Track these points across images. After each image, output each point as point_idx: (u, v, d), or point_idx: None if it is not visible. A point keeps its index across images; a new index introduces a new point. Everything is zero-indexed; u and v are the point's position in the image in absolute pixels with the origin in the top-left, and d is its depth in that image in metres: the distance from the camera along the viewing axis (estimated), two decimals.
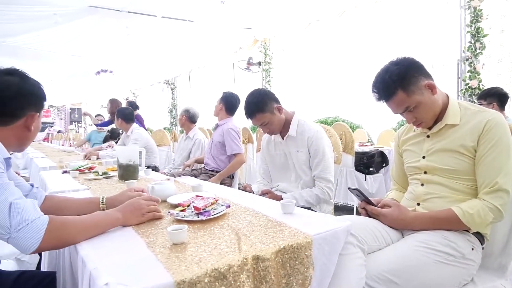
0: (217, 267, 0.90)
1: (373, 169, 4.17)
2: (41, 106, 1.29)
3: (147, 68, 9.61)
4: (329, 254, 1.14)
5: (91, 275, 0.89)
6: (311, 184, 2.16)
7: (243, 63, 7.79)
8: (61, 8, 5.31)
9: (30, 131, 1.26)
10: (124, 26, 5.96)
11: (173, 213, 1.29)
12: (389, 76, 1.43)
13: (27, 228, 0.99)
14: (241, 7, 5.69)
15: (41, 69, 8.38)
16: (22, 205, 1.02)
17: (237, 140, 3.33)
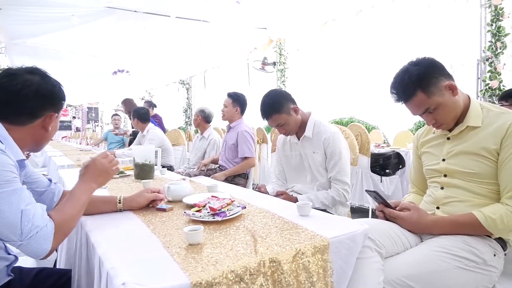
0: (233, 269, 0.90)
1: (390, 170, 4.11)
2: (60, 106, 1.28)
3: (163, 68, 9.70)
4: (346, 258, 1.13)
5: (108, 274, 0.89)
6: (327, 186, 2.14)
7: (258, 63, 7.78)
8: (80, 9, 5.41)
9: (48, 132, 1.25)
10: (141, 26, 6.02)
11: (189, 213, 1.29)
12: (409, 77, 1.40)
13: (37, 235, 1.00)
14: (256, 7, 5.68)
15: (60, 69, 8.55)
16: (33, 212, 1.02)
17: (250, 144, 3.31)
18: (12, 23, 5.82)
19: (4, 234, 1.00)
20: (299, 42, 7.46)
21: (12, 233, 0.99)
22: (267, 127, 6.96)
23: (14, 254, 1.26)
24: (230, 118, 3.49)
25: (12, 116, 1.17)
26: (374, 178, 4.14)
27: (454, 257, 1.28)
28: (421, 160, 1.67)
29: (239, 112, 3.47)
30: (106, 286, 0.90)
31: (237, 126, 3.42)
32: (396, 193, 4.16)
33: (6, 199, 1.00)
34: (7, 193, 1.00)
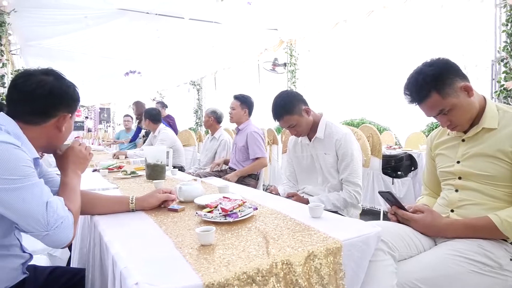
0: (246, 270, 0.89)
1: (401, 172, 4.07)
2: (74, 107, 1.30)
3: (174, 69, 9.76)
4: (359, 261, 1.12)
5: (122, 274, 0.90)
6: (339, 188, 2.12)
7: (268, 64, 7.78)
8: (92, 11, 5.48)
9: (61, 132, 1.27)
10: (153, 28, 6.08)
11: (201, 214, 1.30)
12: (423, 78, 1.38)
13: (62, 225, 1.07)
14: (267, 8, 5.69)
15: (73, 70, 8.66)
16: (55, 204, 1.08)
17: (260, 144, 3.32)
18: (27, 25, 5.93)
19: (30, 225, 1.04)
20: (310, 43, 7.44)
21: (38, 224, 1.04)
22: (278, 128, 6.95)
23: (29, 252, 1.28)
24: (238, 120, 3.50)
25: (27, 115, 1.19)
26: (386, 180, 4.11)
27: (469, 261, 1.25)
28: (434, 162, 1.65)
29: (247, 113, 3.49)
30: (119, 285, 0.91)
31: (245, 128, 3.42)
32: (408, 196, 4.12)
33: (30, 192, 1.04)
34: (30, 186, 1.05)
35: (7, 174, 1.01)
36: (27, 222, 1.04)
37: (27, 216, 1.03)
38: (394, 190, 4.07)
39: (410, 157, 4.20)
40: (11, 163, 1.03)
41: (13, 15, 5.04)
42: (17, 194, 1.02)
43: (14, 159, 1.03)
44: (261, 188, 3.58)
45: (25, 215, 1.03)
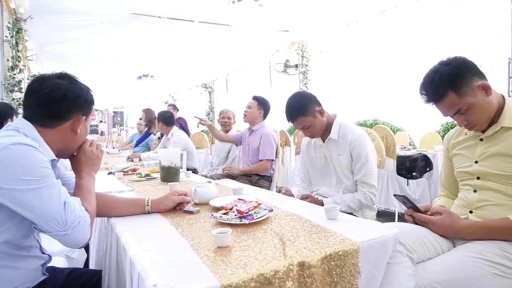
0: (262, 272, 0.89)
1: (416, 173, 4.01)
2: (88, 109, 1.31)
3: (186, 72, 9.85)
4: (376, 263, 1.10)
5: (140, 275, 0.90)
6: (353, 189, 2.10)
7: (280, 66, 7.78)
8: (105, 16, 5.57)
9: (77, 134, 1.28)
10: (164, 32, 6.14)
11: (216, 216, 1.30)
12: (439, 77, 1.36)
13: (80, 225, 1.09)
14: (279, 10, 5.69)
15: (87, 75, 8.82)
16: (73, 204, 1.11)
17: (272, 147, 3.31)
18: (42, 31, 6.06)
19: (49, 225, 1.05)
20: (322, 44, 7.41)
21: (57, 223, 1.05)
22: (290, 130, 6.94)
23: (48, 254, 1.30)
24: (252, 120, 3.49)
25: (43, 118, 1.22)
26: (401, 181, 4.05)
27: (490, 263, 1.23)
28: (452, 163, 1.62)
29: (262, 115, 3.48)
30: (137, 287, 0.91)
31: (260, 129, 3.42)
32: (424, 197, 4.06)
33: (48, 192, 1.06)
34: (47, 187, 1.06)
35: (25, 175, 1.03)
36: (45, 222, 1.05)
37: (45, 216, 1.05)
38: (409, 191, 4.02)
39: (425, 158, 4.14)
40: (29, 164, 1.05)
41: (29, 21, 5.15)
42: (35, 194, 1.04)
43: (31, 160, 1.06)
44: (274, 190, 3.57)
45: (43, 215, 1.05)
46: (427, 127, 5.85)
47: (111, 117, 19.49)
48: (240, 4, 4.72)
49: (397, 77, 6.35)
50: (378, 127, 4.14)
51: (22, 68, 5.06)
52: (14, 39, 4.92)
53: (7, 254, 1.11)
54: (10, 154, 1.03)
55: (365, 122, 7.01)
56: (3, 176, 1.01)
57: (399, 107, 6.41)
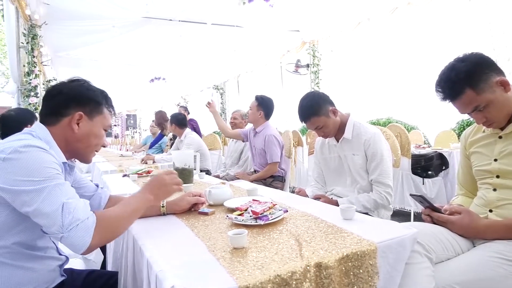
0: (279, 273, 0.89)
1: (432, 172, 3.95)
2: (91, 108, 1.28)
3: (197, 74, 9.90)
4: (394, 263, 1.09)
5: (157, 277, 0.91)
6: (368, 189, 2.08)
7: (291, 66, 7.76)
8: (118, 20, 5.64)
9: (75, 132, 1.24)
10: (176, 34, 6.19)
11: (232, 217, 1.30)
12: (456, 74, 1.34)
13: (77, 228, 1.02)
14: (289, 10, 5.68)
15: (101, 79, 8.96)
16: (74, 205, 1.05)
17: (277, 149, 3.29)
18: (56, 37, 6.17)
19: (47, 226, 1.03)
20: (333, 43, 7.36)
21: (54, 225, 1.02)
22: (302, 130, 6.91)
23: (65, 255, 1.32)
24: (254, 121, 3.47)
25: (45, 117, 1.25)
26: (416, 180, 4.00)
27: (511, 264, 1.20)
28: (469, 161, 1.59)
29: (263, 116, 3.42)
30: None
31: (263, 131, 3.39)
32: (440, 196, 4.00)
33: (48, 194, 1.03)
34: (49, 188, 1.04)
35: (30, 176, 1.04)
36: (44, 223, 1.04)
37: (44, 217, 1.02)
38: (425, 190, 3.96)
39: (441, 156, 4.07)
40: (35, 165, 1.05)
41: (44, 27, 5.25)
42: (37, 195, 1.03)
43: (38, 161, 1.06)
44: (288, 190, 3.56)
45: (43, 216, 1.03)
46: (442, 125, 5.76)
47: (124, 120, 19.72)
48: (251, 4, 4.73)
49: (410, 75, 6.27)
50: (392, 125, 4.08)
51: (38, 74, 5.16)
52: (29, 45, 5.02)
53: (23, 255, 1.13)
54: (18, 157, 1.05)
55: (378, 121, 6.94)
56: (11, 178, 1.03)
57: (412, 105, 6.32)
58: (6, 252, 1.09)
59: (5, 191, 1.03)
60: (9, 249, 1.09)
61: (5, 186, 1.03)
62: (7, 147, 1.06)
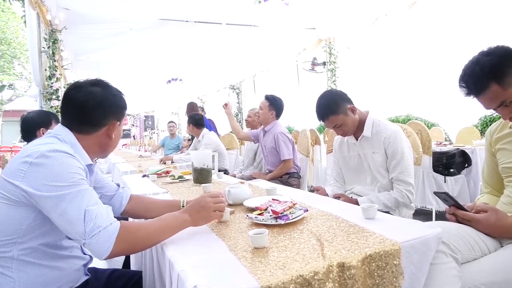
0: (302, 273, 0.88)
1: (454, 170, 3.86)
2: (122, 114, 1.35)
3: (214, 74, 9.95)
4: (419, 264, 1.06)
5: (179, 276, 0.91)
6: (389, 187, 2.04)
7: (307, 64, 7.71)
8: (136, 23, 5.72)
9: (112, 139, 1.33)
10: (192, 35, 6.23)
11: (252, 216, 1.30)
12: (481, 68, 1.29)
13: (99, 235, 1.02)
14: (305, 8, 5.64)
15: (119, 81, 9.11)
16: (96, 212, 1.06)
17: (288, 146, 3.28)
18: (76, 41, 6.30)
19: (69, 232, 1.05)
20: (350, 40, 7.27)
21: (76, 232, 1.03)
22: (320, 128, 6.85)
23: (89, 254, 1.34)
24: (264, 120, 3.49)
25: (80, 126, 1.26)
26: (437, 178, 3.91)
27: None
28: (495, 158, 1.54)
29: (274, 116, 3.45)
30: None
31: (272, 129, 3.39)
32: (462, 194, 3.90)
33: (71, 200, 1.05)
34: (72, 195, 1.06)
35: (55, 181, 1.05)
36: (66, 229, 1.06)
37: (66, 223, 1.04)
38: (447, 189, 3.86)
39: (463, 153, 3.97)
40: (60, 170, 1.07)
41: (64, 32, 5.38)
42: (60, 200, 1.04)
43: (63, 166, 1.08)
44: (306, 188, 3.54)
45: (65, 222, 1.04)
46: (463, 122, 5.62)
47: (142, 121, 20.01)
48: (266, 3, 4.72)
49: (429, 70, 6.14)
50: (412, 122, 4.00)
51: (59, 77, 5.28)
52: (50, 50, 5.15)
53: (49, 255, 1.15)
54: (45, 162, 1.07)
55: (397, 118, 6.82)
56: (37, 182, 1.05)
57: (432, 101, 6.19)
58: (33, 252, 1.12)
59: (31, 195, 1.05)
60: (36, 249, 1.12)
61: (31, 190, 1.05)
62: (34, 151, 1.08)
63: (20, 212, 1.09)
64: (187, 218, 1.20)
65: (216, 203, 1.26)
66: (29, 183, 1.05)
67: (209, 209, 1.23)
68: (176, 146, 6.76)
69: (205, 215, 1.22)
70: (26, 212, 1.09)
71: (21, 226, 1.09)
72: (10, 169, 1.10)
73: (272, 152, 3.40)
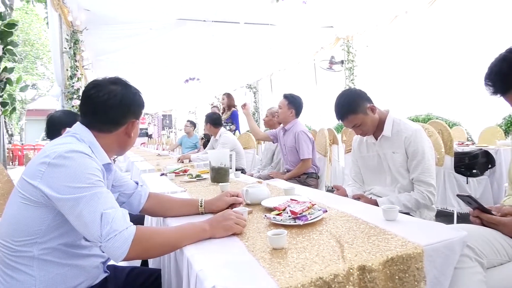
0: (321, 275, 0.86)
1: (477, 171, 3.75)
2: (140, 113, 1.36)
3: (231, 74, 9.98)
4: (442, 268, 1.03)
5: (198, 276, 0.91)
6: (409, 188, 2.00)
7: (325, 63, 7.64)
8: (155, 23, 5.79)
9: (131, 137, 1.34)
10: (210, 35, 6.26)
11: (270, 217, 1.29)
12: (508, 66, 1.25)
13: (115, 238, 1.03)
14: (322, 6, 5.59)
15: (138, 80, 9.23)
16: (112, 215, 1.06)
17: (308, 145, 3.25)
18: (96, 41, 6.42)
19: (87, 235, 1.07)
20: (368, 38, 7.16)
21: (92, 234, 1.05)
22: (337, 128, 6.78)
23: None
24: (284, 119, 3.46)
25: (100, 124, 1.27)
26: (459, 179, 3.80)
27: None
28: None
29: (294, 114, 3.42)
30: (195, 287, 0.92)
31: (292, 128, 3.36)
32: (485, 195, 3.79)
33: (88, 203, 1.06)
34: (89, 197, 1.06)
35: (72, 182, 1.06)
36: (83, 231, 1.07)
37: (83, 226, 1.06)
38: (469, 190, 3.76)
39: (486, 154, 3.86)
40: (78, 171, 1.08)
41: (85, 33, 5.48)
42: (77, 203, 1.05)
43: (81, 167, 1.09)
44: (324, 188, 3.50)
45: (81, 225, 1.06)
46: (486, 121, 5.46)
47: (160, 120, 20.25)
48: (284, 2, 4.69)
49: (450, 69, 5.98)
50: (433, 122, 3.91)
51: (80, 77, 5.39)
52: (72, 50, 5.25)
53: (69, 254, 1.17)
54: (63, 162, 1.08)
55: (417, 117, 6.68)
56: (54, 183, 1.07)
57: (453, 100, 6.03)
58: (53, 251, 1.14)
59: (49, 196, 1.07)
60: (55, 249, 1.14)
61: (49, 191, 1.06)
62: (52, 152, 1.10)
63: (40, 212, 1.10)
64: (206, 228, 1.18)
65: (237, 216, 1.24)
66: (47, 184, 1.07)
67: (230, 221, 1.20)
68: (193, 145, 6.80)
69: (225, 225, 1.19)
70: (45, 212, 1.11)
71: (41, 226, 1.11)
72: (30, 169, 1.12)
73: (292, 151, 3.38)
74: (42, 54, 20.99)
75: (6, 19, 3.00)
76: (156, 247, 1.12)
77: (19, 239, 1.11)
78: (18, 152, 16.12)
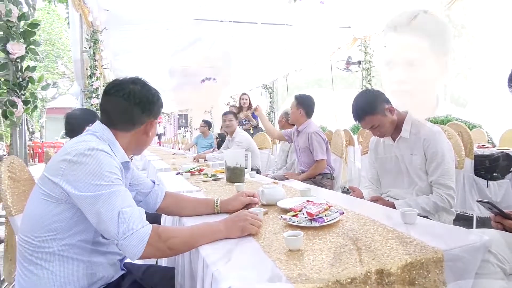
0: (339, 278, 0.85)
1: (498, 174, 3.65)
2: (158, 113, 1.37)
3: (247, 74, 9.99)
4: (463, 273, 1.01)
5: (214, 276, 0.91)
6: (428, 191, 1.96)
7: (341, 63, 7.58)
8: (172, 23, 5.85)
9: (149, 137, 1.36)
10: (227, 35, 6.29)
11: (286, 218, 1.28)
12: None
13: (131, 237, 1.05)
14: (340, 6, 5.54)
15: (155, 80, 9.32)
16: (129, 214, 1.08)
17: (322, 145, 3.21)
18: (115, 41, 6.52)
19: (104, 233, 1.09)
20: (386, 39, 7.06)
21: (109, 232, 1.06)
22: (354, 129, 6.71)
23: None
24: (296, 120, 3.44)
25: (119, 123, 1.29)
26: (479, 182, 3.71)
27: None
28: None
29: (304, 114, 3.37)
30: None
31: (305, 129, 3.33)
32: (506, 199, 3.68)
33: (106, 200, 1.07)
34: (107, 195, 1.08)
35: (92, 180, 1.08)
36: (100, 229, 1.09)
37: (101, 224, 1.07)
38: (489, 194, 3.66)
39: (508, 157, 3.75)
40: (98, 169, 1.10)
41: (105, 32, 5.57)
42: (95, 200, 1.07)
43: (101, 165, 1.11)
44: (339, 189, 3.47)
45: (99, 222, 1.07)
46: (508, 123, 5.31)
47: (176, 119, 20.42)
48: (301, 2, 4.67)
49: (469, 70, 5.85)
50: (453, 124, 3.83)
51: (99, 76, 5.47)
52: (92, 50, 5.34)
53: (87, 250, 1.19)
54: (83, 160, 1.10)
55: (436, 119, 6.55)
56: (75, 180, 1.08)
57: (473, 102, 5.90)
58: (72, 248, 1.15)
59: (69, 193, 1.09)
60: (75, 245, 1.16)
61: (69, 188, 1.08)
62: (73, 149, 1.12)
63: (60, 209, 1.12)
64: (221, 228, 1.18)
65: (253, 217, 1.23)
66: (67, 181, 1.09)
67: (245, 221, 1.19)
68: (209, 144, 6.84)
69: (241, 225, 1.18)
70: (65, 209, 1.13)
71: (61, 223, 1.13)
72: (51, 166, 1.14)
73: (306, 152, 3.36)
74: (62, 53, 21.44)
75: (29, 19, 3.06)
76: (172, 247, 1.13)
77: (40, 235, 1.13)
78: (39, 149, 16.51)
